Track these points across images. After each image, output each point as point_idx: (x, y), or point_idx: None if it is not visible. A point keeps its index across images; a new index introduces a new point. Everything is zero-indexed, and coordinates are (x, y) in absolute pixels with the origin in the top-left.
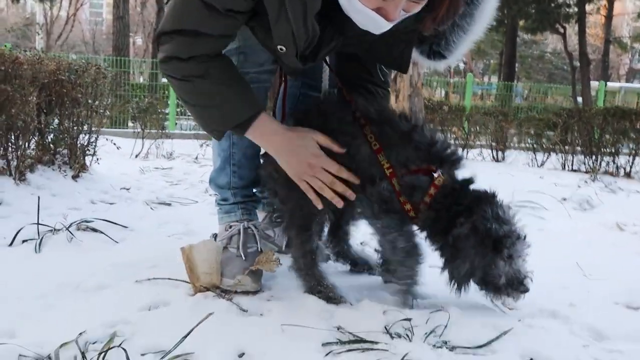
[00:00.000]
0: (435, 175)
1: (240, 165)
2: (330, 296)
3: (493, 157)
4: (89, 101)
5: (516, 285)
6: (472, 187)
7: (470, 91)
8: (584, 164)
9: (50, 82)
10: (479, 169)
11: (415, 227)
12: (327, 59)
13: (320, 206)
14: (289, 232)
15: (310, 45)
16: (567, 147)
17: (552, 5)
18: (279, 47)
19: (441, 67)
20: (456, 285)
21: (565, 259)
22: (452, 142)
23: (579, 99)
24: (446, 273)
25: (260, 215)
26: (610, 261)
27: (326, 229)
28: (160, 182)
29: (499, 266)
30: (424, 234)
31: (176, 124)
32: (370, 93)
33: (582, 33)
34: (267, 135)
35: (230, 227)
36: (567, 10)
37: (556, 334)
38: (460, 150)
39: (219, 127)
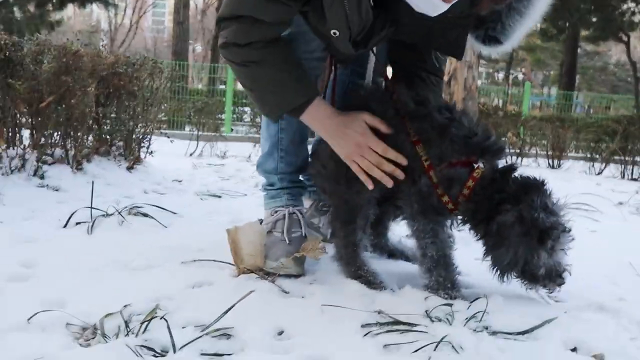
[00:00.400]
0: (475, 166)
1: (287, 151)
2: (371, 280)
3: (549, 164)
4: (145, 94)
5: (554, 277)
6: (517, 175)
7: (527, 98)
8: None
9: (109, 75)
10: (533, 173)
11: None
12: (375, 49)
13: (371, 186)
14: (334, 224)
15: (364, 31)
16: (626, 158)
17: (616, 12)
18: (332, 31)
19: (497, 52)
20: (499, 273)
21: (617, 258)
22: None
23: None
24: (489, 260)
25: (307, 203)
26: None
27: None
28: (212, 177)
29: (542, 257)
30: (467, 225)
31: (232, 129)
32: (422, 81)
33: None
34: (319, 119)
35: (276, 212)
36: (632, 18)
37: (603, 325)
38: (502, 142)
39: (275, 111)
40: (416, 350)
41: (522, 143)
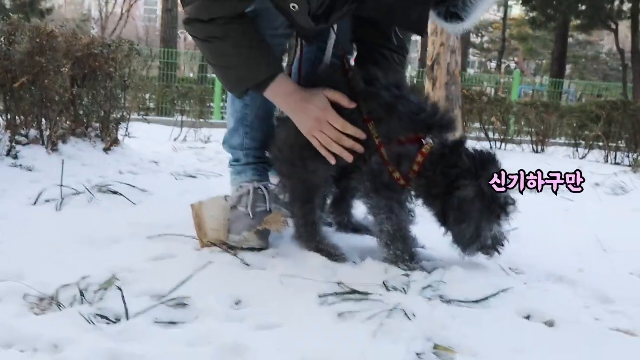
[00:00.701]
0: (424, 142)
1: (252, 126)
2: (332, 252)
3: (533, 149)
4: (123, 77)
5: (496, 245)
6: (470, 148)
7: (517, 86)
8: (628, 157)
9: (84, 56)
10: (515, 158)
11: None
12: (336, 26)
13: (333, 161)
14: (292, 205)
15: (324, 5)
16: (610, 143)
17: (604, 1)
18: (291, 5)
19: (459, 30)
20: (462, 248)
21: (586, 234)
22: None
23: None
24: (450, 236)
25: (274, 179)
26: (634, 239)
27: (329, 201)
28: (191, 159)
29: (494, 229)
30: (420, 201)
31: (223, 117)
32: (386, 59)
33: (635, 30)
34: (282, 96)
35: (241, 187)
36: (621, 6)
37: (559, 295)
38: (451, 116)
39: (239, 87)
40: (370, 318)
41: (506, 128)
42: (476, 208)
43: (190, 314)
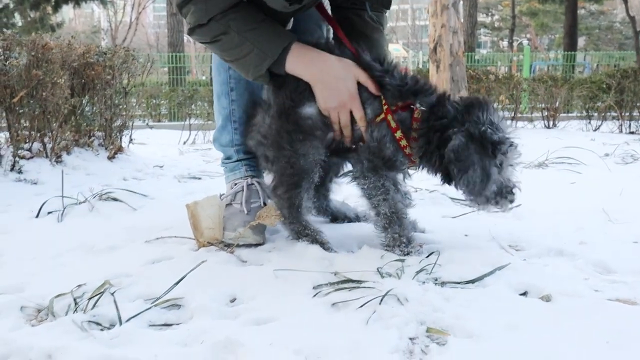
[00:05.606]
0: (414, 108)
1: (241, 122)
2: (317, 239)
3: (545, 124)
4: (123, 84)
5: (505, 193)
6: (456, 99)
7: (528, 63)
8: None
9: (81, 66)
10: (526, 135)
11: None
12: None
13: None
14: (277, 190)
15: None
16: (623, 112)
17: None
18: None
19: None
20: (478, 198)
21: (590, 205)
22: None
23: None
24: (463, 190)
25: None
26: None
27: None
28: (197, 160)
29: (493, 172)
30: (424, 169)
31: None
32: (361, 18)
33: None
34: (304, 65)
35: (235, 184)
36: None
37: (558, 269)
38: (433, 84)
39: (258, 71)
40: (362, 305)
41: (516, 105)
42: (473, 151)
43: (184, 314)
